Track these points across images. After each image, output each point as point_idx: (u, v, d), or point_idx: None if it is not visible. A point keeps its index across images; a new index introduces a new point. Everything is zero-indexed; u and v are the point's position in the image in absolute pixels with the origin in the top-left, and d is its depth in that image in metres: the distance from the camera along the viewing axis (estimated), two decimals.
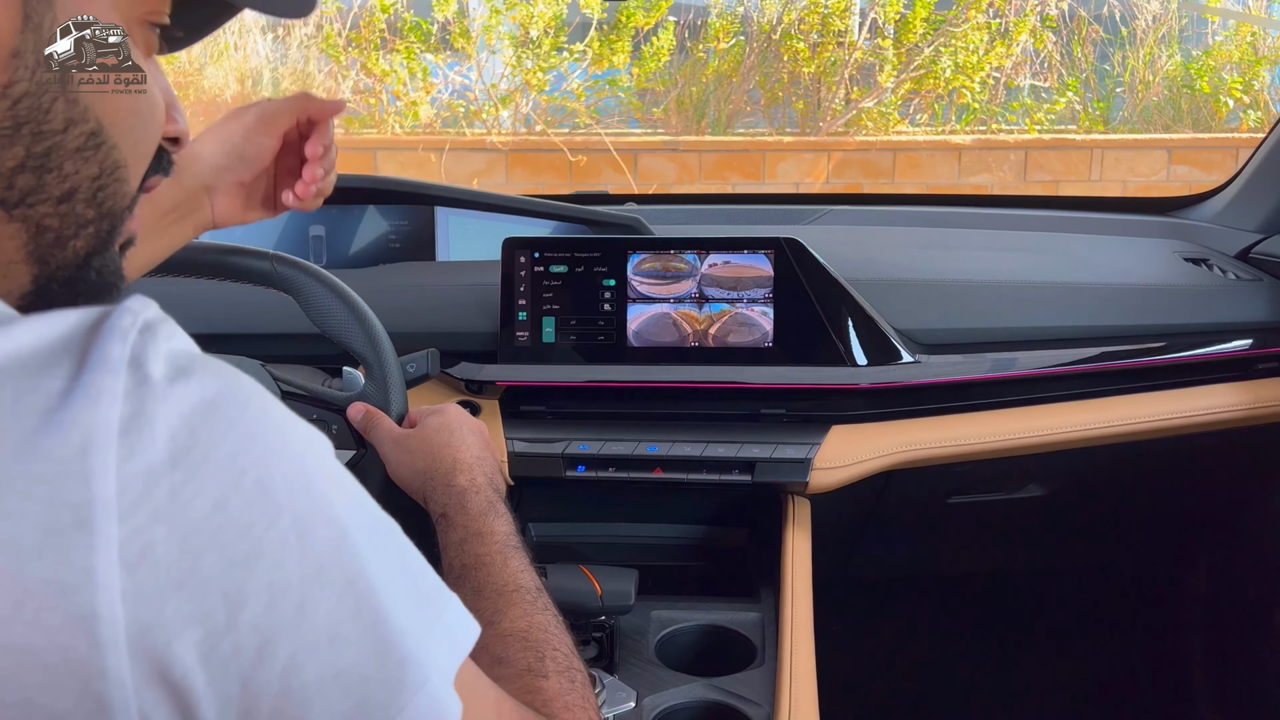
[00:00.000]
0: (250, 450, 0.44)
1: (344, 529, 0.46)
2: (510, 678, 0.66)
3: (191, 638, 0.42)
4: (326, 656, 0.44)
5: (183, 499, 0.42)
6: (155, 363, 0.43)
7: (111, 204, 0.52)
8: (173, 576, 0.41)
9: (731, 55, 5.03)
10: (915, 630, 1.83)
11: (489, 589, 0.74)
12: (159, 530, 0.41)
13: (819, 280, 1.23)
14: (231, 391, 0.45)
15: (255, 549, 0.43)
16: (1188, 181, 4.64)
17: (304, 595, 0.44)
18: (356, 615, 0.45)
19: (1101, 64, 5.28)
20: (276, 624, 0.43)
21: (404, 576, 0.49)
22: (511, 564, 0.77)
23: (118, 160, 0.52)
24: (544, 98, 4.94)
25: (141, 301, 0.46)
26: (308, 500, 0.45)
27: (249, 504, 0.43)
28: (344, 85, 5.07)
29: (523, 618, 0.71)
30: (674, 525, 1.33)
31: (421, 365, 1.14)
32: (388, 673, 0.46)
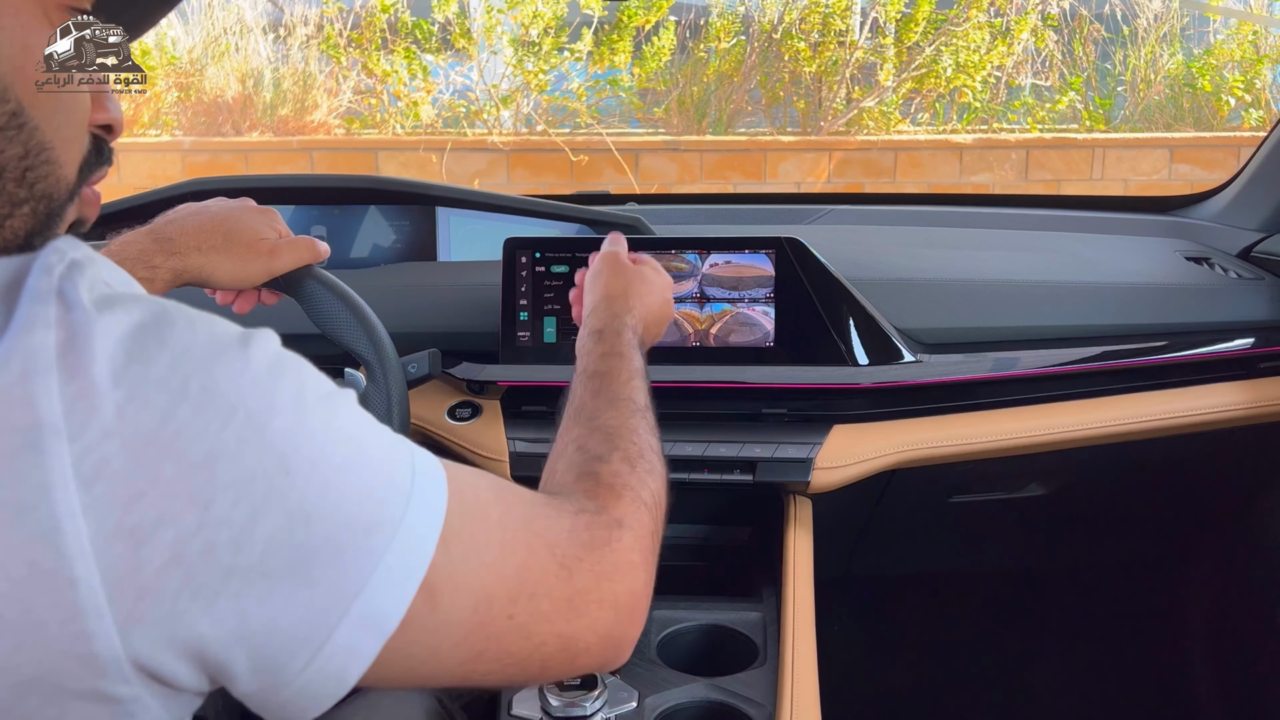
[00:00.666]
0: (187, 360, 0.46)
1: (296, 414, 0.49)
2: (579, 462, 0.72)
3: (162, 539, 0.44)
4: (303, 536, 0.47)
5: (128, 414, 0.44)
6: (82, 292, 0.46)
7: (44, 186, 0.52)
8: (132, 487, 0.44)
9: (732, 55, 5.03)
10: (917, 630, 1.83)
11: (605, 393, 0.81)
12: (110, 445, 0.44)
13: (820, 280, 1.23)
14: (156, 315, 0.47)
15: (213, 450, 0.45)
16: (1189, 180, 4.64)
17: (270, 484, 0.47)
18: (324, 494, 0.48)
19: (1103, 63, 5.28)
20: (247, 514, 0.46)
21: (363, 445, 0.52)
22: (634, 383, 0.83)
23: (42, 142, 0.52)
24: (545, 98, 4.94)
25: (70, 242, 0.49)
26: (256, 393, 0.47)
27: (198, 409, 0.46)
28: (345, 86, 5.07)
29: (618, 418, 0.78)
30: (675, 525, 1.32)
31: (423, 365, 1.14)
32: (358, 541, 0.49)
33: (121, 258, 0.95)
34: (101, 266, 0.49)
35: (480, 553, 0.55)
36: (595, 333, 0.90)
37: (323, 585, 0.48)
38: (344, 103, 5.08)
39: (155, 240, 0.97)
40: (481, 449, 1.24)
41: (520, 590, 0.57)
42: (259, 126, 5.01)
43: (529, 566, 0.57)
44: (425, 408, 1.27)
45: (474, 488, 0.58)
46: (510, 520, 0.58)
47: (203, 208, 1.01)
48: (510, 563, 0.57)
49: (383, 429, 0.55)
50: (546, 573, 0.58)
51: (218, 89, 5.02)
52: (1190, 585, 1.66)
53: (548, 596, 0.58)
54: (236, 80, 5.02)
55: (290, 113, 5.03)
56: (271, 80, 5.05)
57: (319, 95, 5.05)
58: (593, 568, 0.61)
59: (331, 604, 0.49)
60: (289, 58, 5.09)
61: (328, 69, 5.09)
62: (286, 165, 4.60)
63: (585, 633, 0.60)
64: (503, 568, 0.56)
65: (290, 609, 0.48)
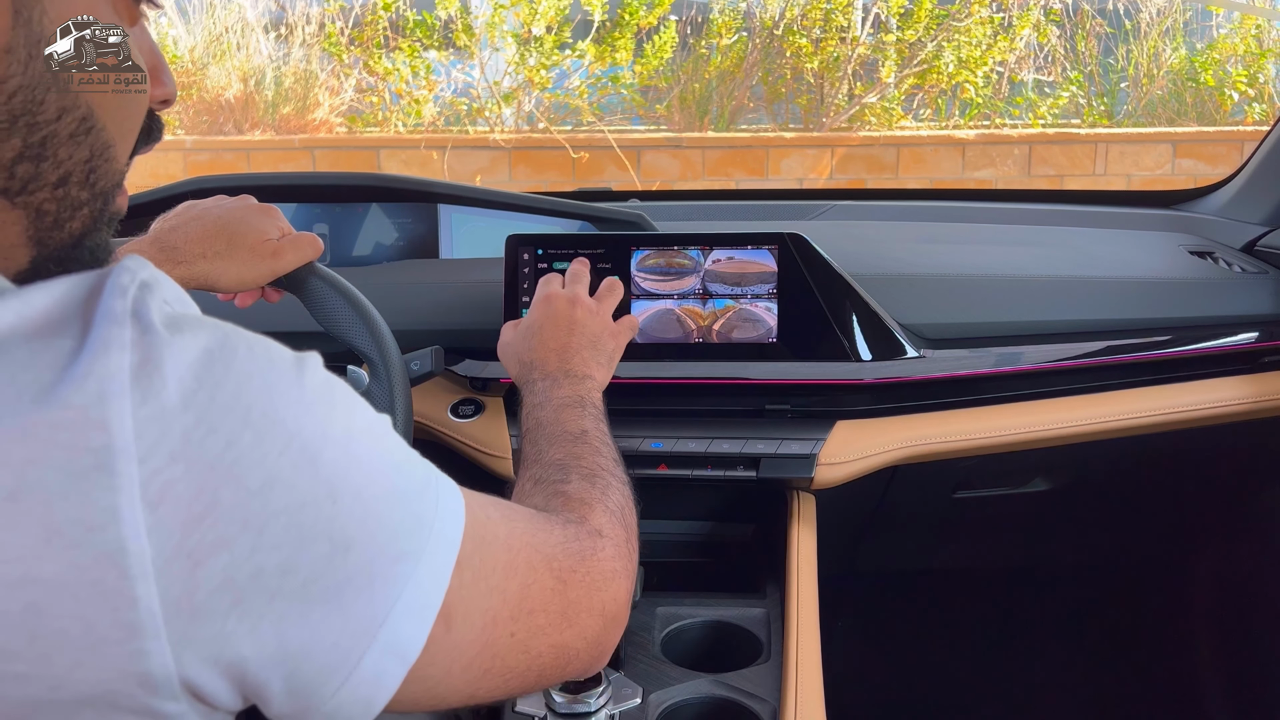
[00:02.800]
0: (250, 388, 0.47)
1: (345, 445, 0.50)
2: (540, 491, 0.76)
3: (217, 563, 0.45)
4: (341, 563, 0.49)
5: (195, 439, 0.45)
6: (155, 314, 0.46)
7: (104, 183, 0.53)
8: (194, 510, 0.45)
9: (734, 51, 5.02)
10: (921, 625, 1.83)
11: (540, 439, 0.85)
12: (177, 469, 0.44)
13: (823, 275, 1.23)
14: (221, 340, 0.48)
15: (270, 477, 0.47)
16: (1192, 175, 4.63)
17: (318, 513, 0.48)
18: (362, 524, 0.50)
19: (1105, 58, 5.27)
20: (295, 541, 0.47)
21: (400, 475, 0.53)
22: (561, 416, 0.87)
23: (107, 140, 0.53)
24: (547, 95, 4.94)
25: (138, 262, 0.49)
26: (312, 423, 0.49)
27: (259, 436, 0.47)
28: (346, 84, 5.07)
29: (560, 451, 0.81)
30: (679, 521, 1.33)
31: (425, 363, 1.14)
32: (387, 569, 0.51)
33: None
34: (166, 286, 0.49)
35: (488, 576, 0.57)
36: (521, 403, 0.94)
37: (354, 612, 0.50)
38: (346, 101, 5.08)
39: (160, 249, 0.97)
40: (484, 446, 1.24)
41: (521, 608, 0.59)
42: (261, 125, 5.01)
43: (530, 584, 0.60)
44: (428, 405, 1.27)
45: (484, 510, 0.60)
46: (515, 540, 0.61)
47: (204, 210, 1.01)
48: (514, 583, 0.59)
49: (414, 456, 0.56)
50: (544, 588, 0.61)
51: (219, 88, 5.02)
52: (1195, 580, 1.66)
53: (544, 611, 0.61)
54: (238, 79, 5.02)
55: (292, 111, 5.03)
56: (273, 79, 5.05)
57: (321, 94, 5.05)
58: (584, 578, 0.64)
59: (362, 630, 0.50)
60: (291, 56, 5.09)
61: (329, 67, 5.09)
62: (288, 164, 4.60)
63: (576, 640, 0.63)
64: (507, 588, 0.58)
65: (325, 634, 0.49)
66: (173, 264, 0.96)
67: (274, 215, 1.03)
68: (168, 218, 1.01)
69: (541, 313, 1.02)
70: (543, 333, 1.00)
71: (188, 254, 0.97)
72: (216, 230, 0.98)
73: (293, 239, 1.02)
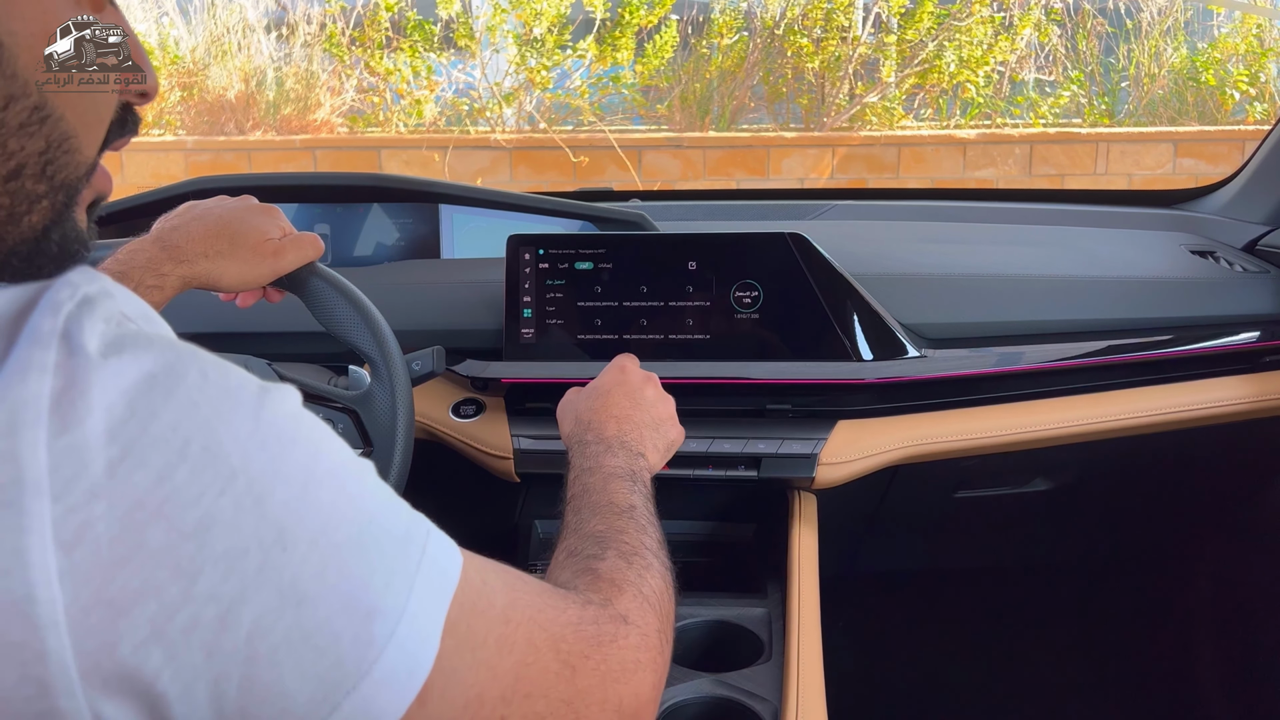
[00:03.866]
0: (193, 418, 0.43)
1: (303, 485, 0.45)
2: (573, 564, 0.70)
3: (143, 613, 0.40)
4: (294, 619, 0.44)
5: (121, 473, 0.40)
6: (90, 336, 0.42)
7: (64, 175, 0.50)
8: (116, 553, 0.40)
9: (735, 51, 5.02)
10: (922, 625, 1.83)
11: (584, 508, 0.79)
12: (97, 507, 0.40)
13: (824, 275, 1.23)
14: (168, 363, 0.43)
15: (206, 517, 0.42)
16: (1193, 174, 4.63)
17: (264, 559, 0.43)
18: (322, 575, 0.44)
19: (1106, 57, 5.27)
20: (236, 591, 0.42)
21: (372, 524, 0.48)
22: (610, 488, 0.82)
23: (65, 132, 0.49)
24: (548, 95, 4.94)
25: (85, 275, 0.45)
26: (262, 458, 0.44)
27: (196, 472, 0.42)
28: (348, 84, 5.07)
29: (602, 523, 0.76)
30: (680, 521, 1.33)
31: (427, 363, 1.14)
32: (356, 628, 0.45)
33: (129, 266, 0.95)
34: (121, 300, 0.45)
35: (477, 648, 0.52)
36: (569, 465, 0.89)
37: (313, 677, 0.44)
38: (347, 101, 5.08)
39: (162, 248, 0.97)
40: (486, 446, 1.24)
41: (515, 690, 0.53)
42: (262, 126, 5.01)
43: (529, 664, 0.54)
44: (429, 405, 1.27)
45: (481, 574, 0.54)
46: (515, 613, 0.55)
47: (206, 210, 1.01)
48: (509, 660, 0.53)
49: (398, 505, 0.51)
50: (546, 671, 0.55)
51: (221, 88, 5.02)
52: (1196, 580, 1.66)
53: (544, 697, 0.55)
54: (239, 79, 5.02)
55: (293, 112, 5.03)
56: (274, 79, 5.05)
57: (322, 94, 5.06)
58: (598, 666, 0.58)
59: (322, 698, 0.45)
60: (292, 57, 5.09)
61: (330, 68, 5.09)
62: (289, 164, 4.60)
63: None
64: (499, 665, 0.53)
65: (272, 700, 0.44)
66: (175, 262, 0.96)
67: (275, 215, 1.04)
68: (169, 218, 1.01)
69: (613, 379, 1.00)
70: (610, 397, 0.97)
71: (189, 253, 0.97)
72: (218, 230, 0.98)
73: (294, 239, 1.03)
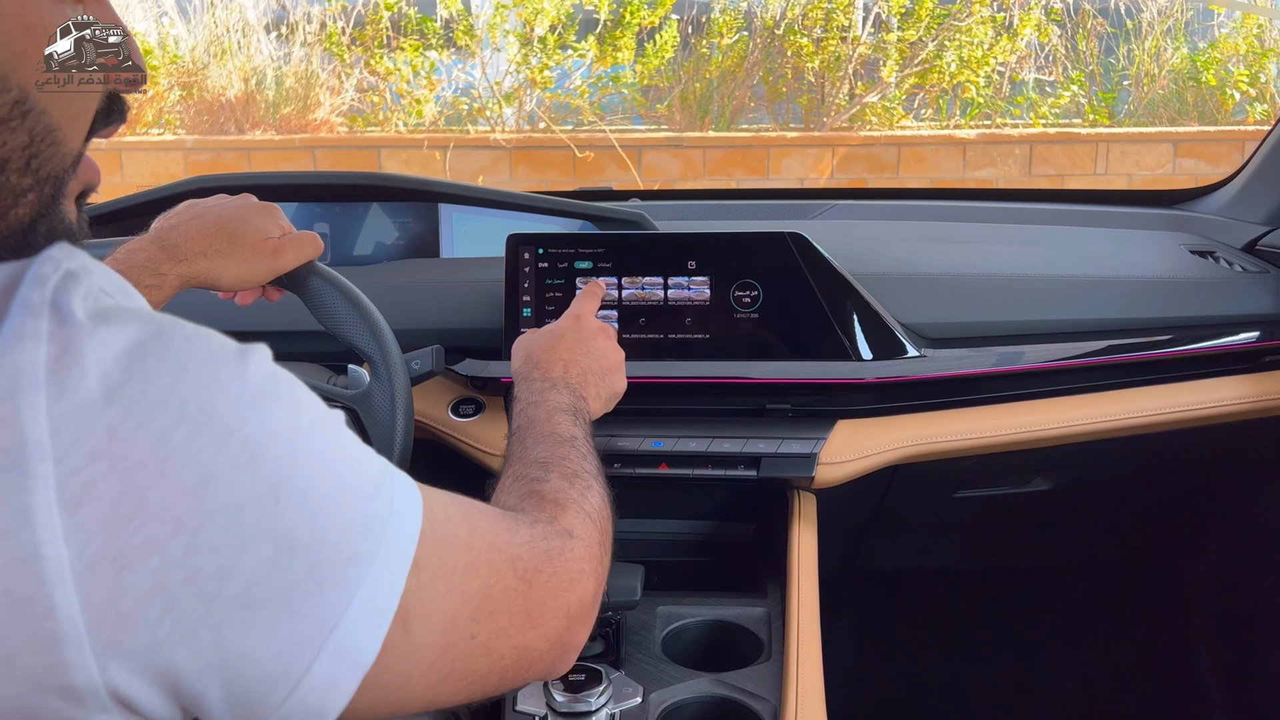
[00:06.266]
0: (186, 380, 0.45)
1: (291, 441, 0.48)
2: (519, 487, 0.74)
3: (146, 567, 0.43)
4: (286, 566, 0.46)
5: (122, 435, 0.42)
6: (79, 305, 0.44)
7: (49, 168, 0.50)
8: (119, 511, 0.42)
9: (735, 51, 5.02)
10: (922, 625, 1.83)
11: (528, 437, 0.82)
12: (99, 468, 0.42)
13: (824, 275, 1.23)
14: (153, 331, 0.45)
15: (205, 475, 0.44)
16: (1193, 175, 4.63)
17: (260, 512, 0.45)
18: (311, 524, 0.47)
19: (1107, 57, 5.27)
20: (234, 543, 0.45)
21: (351, 474, 0.51)
22: (554, 419, 0.85)
23: (49, 125, 0.49)
24: (548, 95, 4.94)
25: (65, 250, 0.47)
26: (255, 418, 0.46)
27: (194, 431, 0.44)
28: (347, 84, 5.07)
29: (545, 450, 0.79)
30: (680, 521, 1.33)
31: (426, 362, 1.14)
32: (337, 572, 0.48)
33: (128, 265, 0.95)
34: (99, 275, 0.47)
35: (448, 576, 0.55)
36: (515, 399, 0.91)
37: (301, 617, 0.47)
38: (347, 101, 5.08)
39: (161, 247, 0.97)
40: (485, 445, 1.24)
41: (482, 609, 0.57)
42: (262, 125, 5.01)
43: (491, 585, 0.58)
44: (428, 404, 1.27)
45: (444, 509, 0.58)
46: (476, 539, 0.59)
47: (205, 209, 1.01)
48: (475, 583, 0.57)
49: (368, 454, 0.54)
50: (507, 589, 0.59)
51: (220, 88, 5.02)
52: (1195, 579, 1.66)
53: (506, 612, 0.59)
54: (239, 79, 5.02)
55: (293, 111, 5.03)
56: (274, 79, 5.05)
57: (322, 93, 5.06)
58: (549, 579, 0.63)
59: (310, 636, 0.48)
60: (291, 56, 5.09)
61: (330, 67, 5.09)
62: (289, 163, 4.60)
63: (539, 642, 0.62)
64: (468, 589, 0.56)
65: (269, 641, 0.46)
66: (174, 261, 0.96)
67: (274, 214, 1.04)
68: (169, 216, 1.01)
69: (568, 325, 1.02)
70: (563, 340, 0.99)
71: (188, 252, 0.97)
72: (217, 228, 0.98)
73: (293, 238, 1.03)
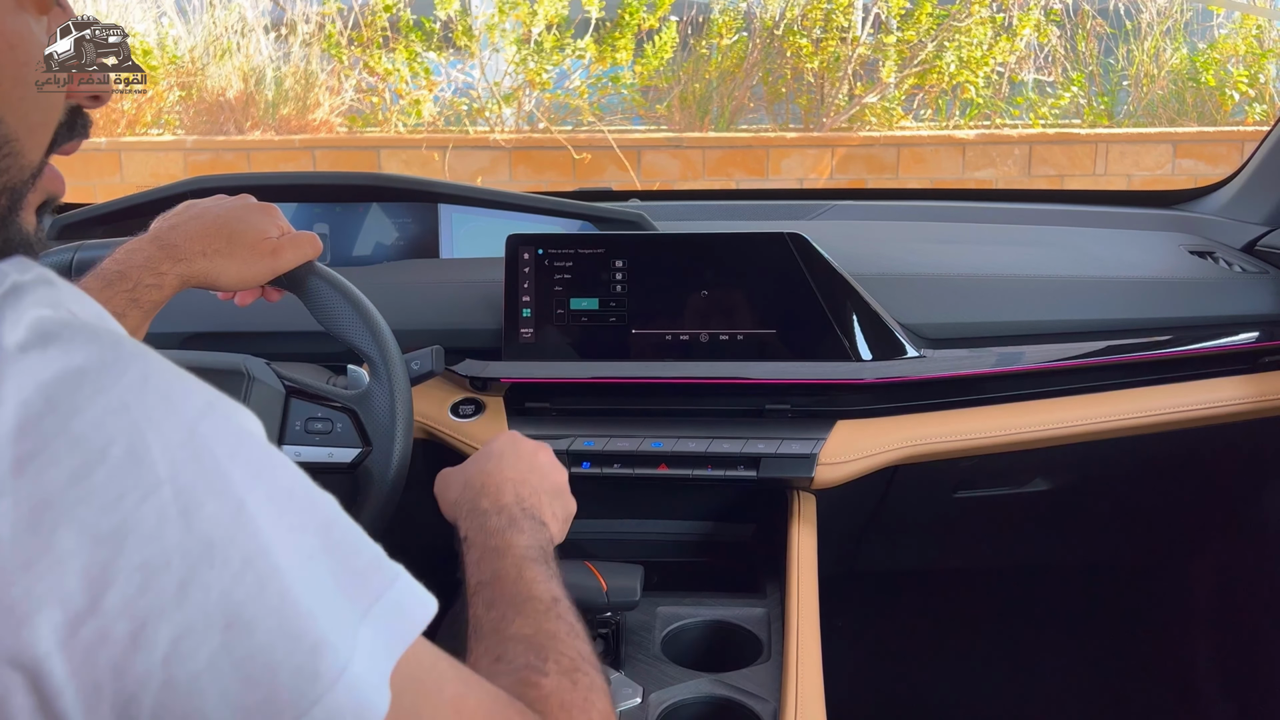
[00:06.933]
0: (122, 418, 0.40)
1: (240, 502, 0.42)
2: (507, 673, 0.61)
3: (47, 620, 0.38)
4: (221, 643, 0.40)
5: (31, 471, 0.38)
6: (11, 328, 0.40)
7: (5, 179, 0.47)
8: (19, 555, 0.38)
9: (734, 51, 5.02)
10: (921, 625, 1.83)
11: (499, 601, 0.69)
12: (1, 504, 0.38)
13: (823, 275, 1.23)
14: (106, 360, 0.41)
15: (125, 523, 0.39)
16: (1193, 175, 4.63)
17: (188, 575, 0.40)
18: (259, 596, 0.41)
19: (1106, 58, 5.27)
20: (153, 606, 0.39)
21: (326, 554, 0.44)
22: (526, 575, 0.71)
23: (5, 135, 0.47)
24: (547, 95, 4.94)
25: (19, 264, 0.43)
26: (195, 471, 0.41)
27: (116, 475, 0.39)
28: (346, 84, 5.07)
29: (529, 625, 0.66)
30: (679, 521, 1.33)
31: (426, 362, 1.14)
32: (299, 660, 0.42)
33: (128, 265, 0.95)
34: (60, 290, 0.43)
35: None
36: (464, 542, 0.78)
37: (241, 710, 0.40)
38: (346, 101, 5.08)
39: (160, 247, 0.97)
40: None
41: None
42: (261, 125, 5.01)
43: None
44: (428, 405, 1.27)
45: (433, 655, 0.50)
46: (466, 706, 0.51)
47: (204, 209, 1.01)
48: None
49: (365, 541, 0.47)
50: None
51: (220, 88, 5.01)
52: (1195, 579, 1.66)
53: None
54: (238, 79, 5.02)
55: (292, 111, 5.03)
56: (273, 79, 5.05)
57: (321, 94, 5.05)
58: None
59: None
60: (290, 56, 5.09)
61: (329, 67, 5.08)
62: (289, 164, 4.60)
63: None
64: None
65: None
66: (173, 261, 0.96)
67: (274, 214, 1.04)
68: (168, 217, 1.01)
69: (503, 444, 0.89)
70: (503, 460, 0.86)
71: (188, 251, 0.97)
72: (216, 228, 0.98)
73: (292, 238, 1.03)
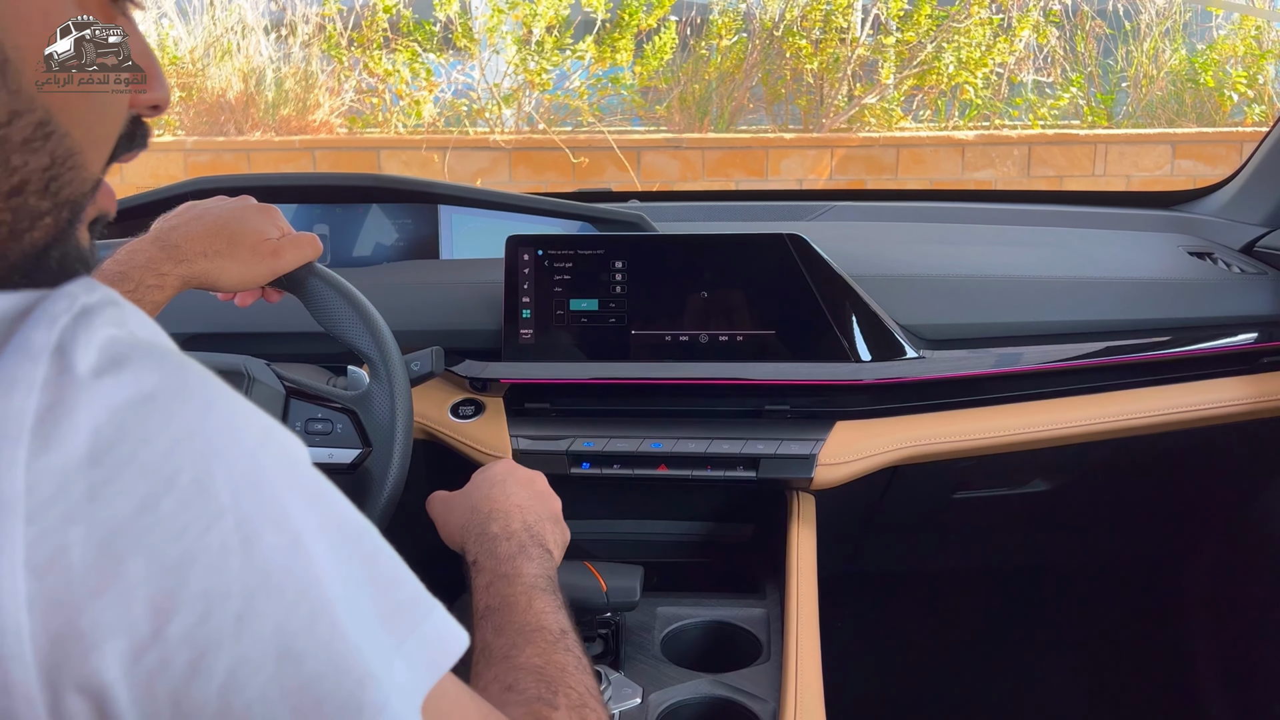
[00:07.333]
0: (188, 447, 0.40)
1: (297, 533, 0.42)
2: (518, 703, 0.62)
3: (114, 649, 0.38)
4: (274, 673, 0.41)
5: (103, 498, 0.38)
6: (85, 352, 0.40)
7: (68, 193, 0.48)
8: (90, 582, 0.38)
9: (734, 52, 5.02)
10: (920, 625, 1.83)
11: (509, 628, 0.70)
12: (74, 532, 0.38)
13: (823, 276, 1.23)
14: (173, 385, 0.41)
15: (189, 553, 0.39)
16: (1192, 176, 4.63)
17: (246, 605, 0.40)
18: (310, 628, 0.42)
19: (1105, 59, 5.27)
20: (213, 636, 0.40)
21: (371, 585, 0.45)
22: (536, 605, 0.73)
23: (70, 148, 0.47)
24: (547, 96, 4.94)
25: (86, 285, 0.43)
26: (256, 502, 0.42)
27: (183, 504, 0.40)
28: (346, 85, 5.07)
29: (539, 655, 0.67)
30: (679, 522, 1.33)
31: (426, 363, 1.14)
32: (345, 694, 0.42)
33: (129, 266, 0.95)
34: (125, 310, 0.43)
35: None
36: (472, 565, 0.80)
37: None
38: (346, 102, 5.08)
39: (161, 248, 0.97)
40: (484, 446, 1.24)
41: None
42: (261, 126, 5.01)
43: None
44: (428, 406, 1.27)
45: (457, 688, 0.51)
46: None
47: (204, 210, 1.01)
48: None
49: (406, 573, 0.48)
50: None
51: (220, 89, 5.01)
52: (1194, 580, 1.66)
53: None
54: (238, 80, 5.02)
55: (292, 112, 5.03)
56: (273, 80, 5.05)
57: (321, 95, 5.05)
58: None
59: None
60: (290, 57, 5.09)
61: (329, 68, 5.09)
62: (289, 165, 4.60)
63: None
64: None
65: None
66: (174, 261, 0.96)
67: (274, 215, 1.04)
68: (168, 217, 1.01)
69: (503, 469, 0.92)
70: (506, 486, 0.88)
71: (188, 252, 0.97)
72: (217, 229, 0.99)
73: (293, 239, 1.03)
